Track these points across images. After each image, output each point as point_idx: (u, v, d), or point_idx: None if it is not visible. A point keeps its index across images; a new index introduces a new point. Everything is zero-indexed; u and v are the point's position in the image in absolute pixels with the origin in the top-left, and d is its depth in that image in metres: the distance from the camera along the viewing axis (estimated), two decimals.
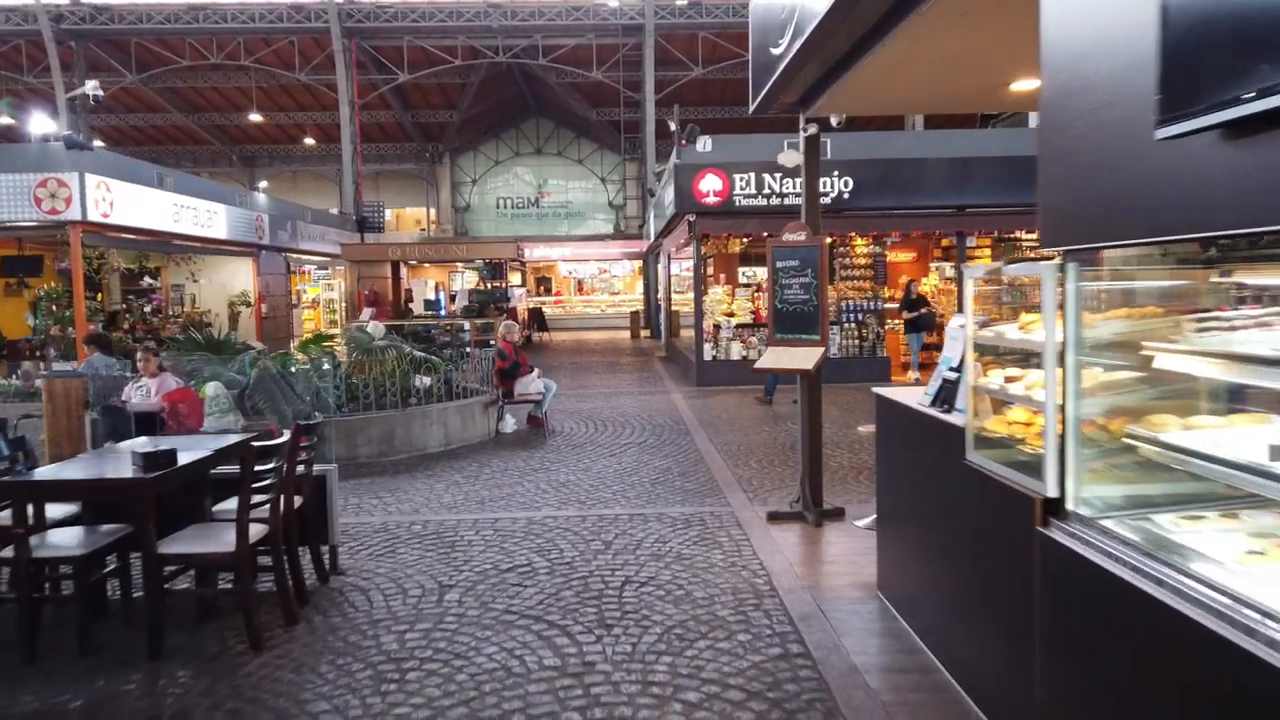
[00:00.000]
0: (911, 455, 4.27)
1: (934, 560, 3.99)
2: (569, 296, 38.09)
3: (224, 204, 19.21)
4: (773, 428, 10.63)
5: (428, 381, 10.04)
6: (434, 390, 9.65)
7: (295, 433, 4.73)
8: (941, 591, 3.90)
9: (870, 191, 14.56)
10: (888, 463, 4.71)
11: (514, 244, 17.81)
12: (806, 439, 6.43)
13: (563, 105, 38.62)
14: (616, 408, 12.62)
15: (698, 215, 14.65)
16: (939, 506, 3.88)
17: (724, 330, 15.20)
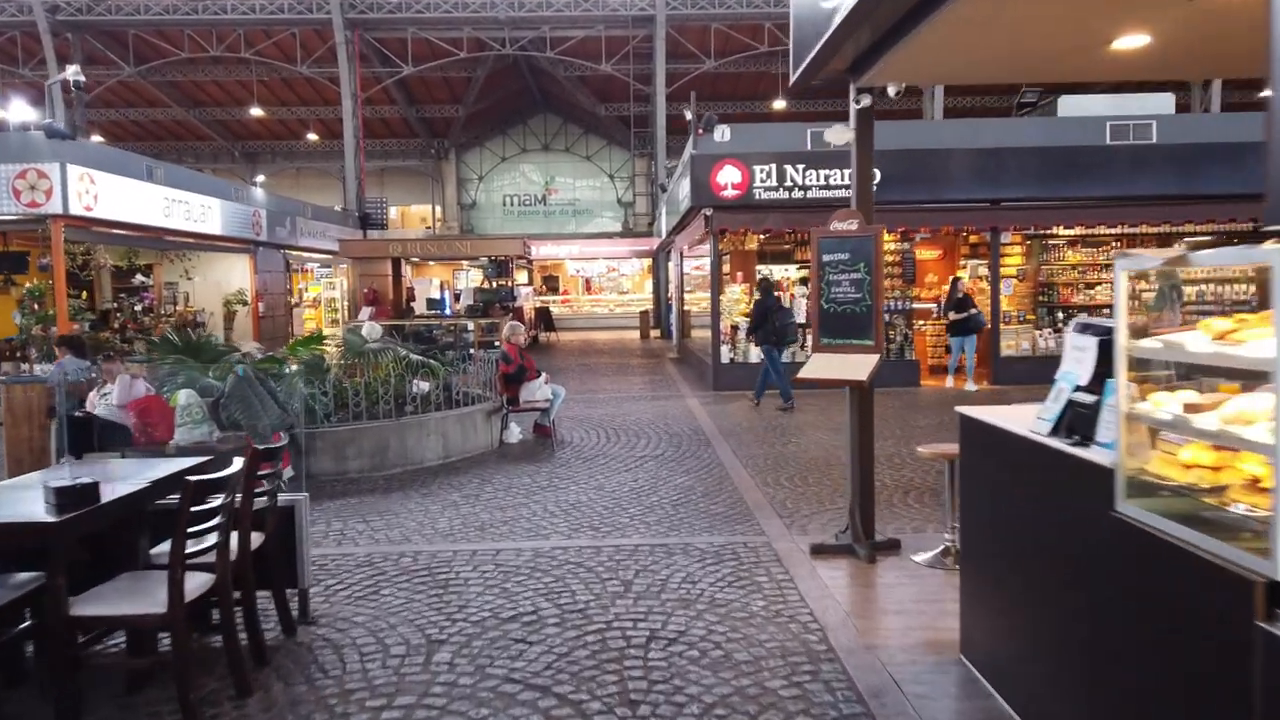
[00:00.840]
0: (1020, 494, 3.41)
1: (1053, 629, 3.13)
2: (576, 296, 37.28)
3: (219, 198, 18.43)
4: (800, 438, 9.77)
5: (425, 387, 9.21)
6: (432, 397, 8.82)
7: (252, 459, 3.90)
8: (1067, 672, 3.03)
9: (898, 184, 13.67)
10: (978, 500, 3.85)
11: (520, 240, 16.96)
12: (856, 461, 5.57)
13: (570, 100, 37.79)
14: (629, 414, 11.77)
15: (715, 209, 13.79)
16: (1065, 564, 3.02)
17: (742, 331, 14.34)
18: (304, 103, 36.38)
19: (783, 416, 11.38)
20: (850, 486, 5.61)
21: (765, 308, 12.35)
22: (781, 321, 12.22)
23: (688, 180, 14.50)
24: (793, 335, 12.48)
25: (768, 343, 12.34)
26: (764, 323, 12.24)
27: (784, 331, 12.25)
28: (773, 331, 12.21)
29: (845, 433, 10.18)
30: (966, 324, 13.13)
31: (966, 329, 13.16)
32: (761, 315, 12.33)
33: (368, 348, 8.80)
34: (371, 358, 8.78)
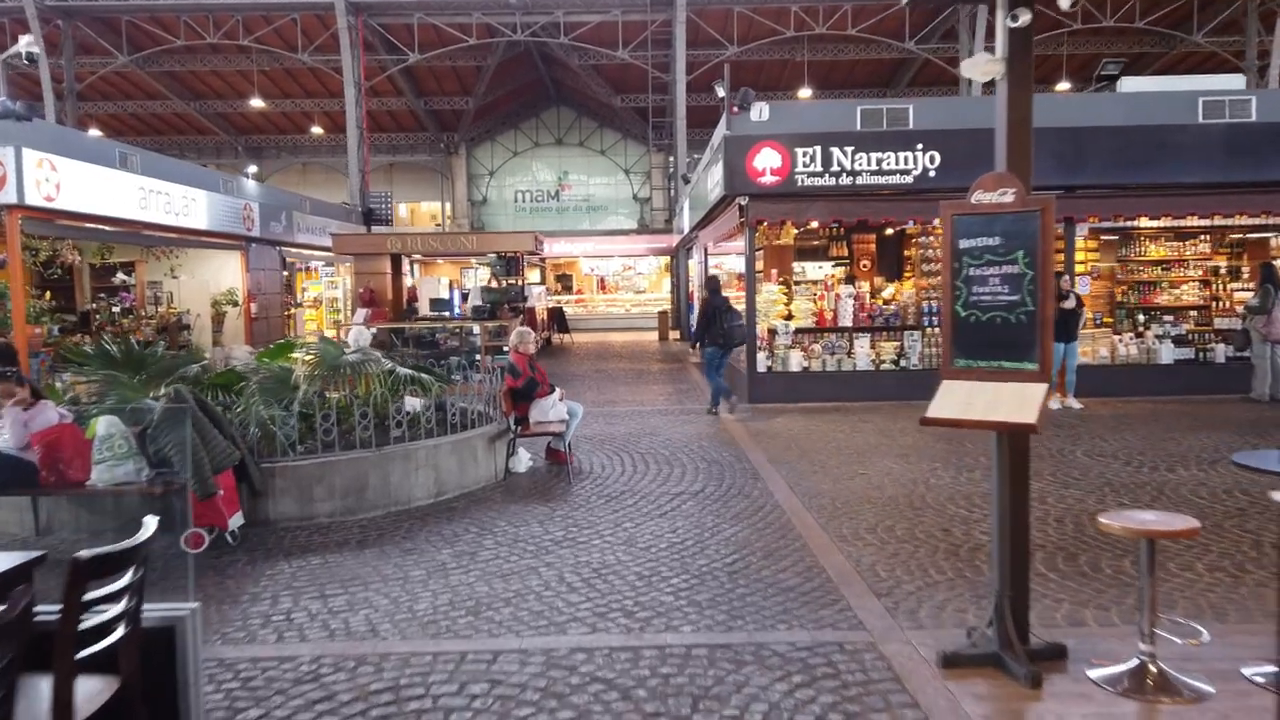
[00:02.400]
0: None
1: None
2: (591, 295, 35.73)
3: (205, 190, 16.92)
4: (867, 467, 8.13)
5: (417, 405, 7.65)
6: (422, 420, 7.23)
7: (76, 574, 2.32)
8: None
9: (960, 168, 12.01)
10: None
11: (531, 235, 15.39)
12: (1007, 539, 3.93)
13: (585, 91, 36.22)
14: (656, 432, 10.18)
15: (751, 198, 12.17)
16: None
17: (780, 336, 12.72)
18: (308, 94, 34.94)
19: (837, 437, 9.75)
20: (995, 570, 3.98)
21: (714, 308, 11.57)
22: (729, 323, 11.48)
23: (719, 167, 12.88)
24: (740, 338, 11.75)
25: (715, 345, 11.58)
26: (711, 325, 11.53)
27: (731, 334, 11.52)
28: (720, 334, 11.48)
29: (919, 460, 8.42)
30: (1066, 324, 11.01)
31: (1067, 332, 11.12)
32: (709, 317, 11.58)
33: (345, 359, 7.22)
34: (348, 371, 7.20)
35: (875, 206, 12.17)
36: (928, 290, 12.83)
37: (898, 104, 12.57)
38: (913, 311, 12.95)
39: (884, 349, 12.69)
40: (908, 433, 9.87)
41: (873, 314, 12.89)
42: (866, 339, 12.69)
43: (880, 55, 30.01)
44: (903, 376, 12.51)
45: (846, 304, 12.80)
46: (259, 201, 19.43)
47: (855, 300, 12.84)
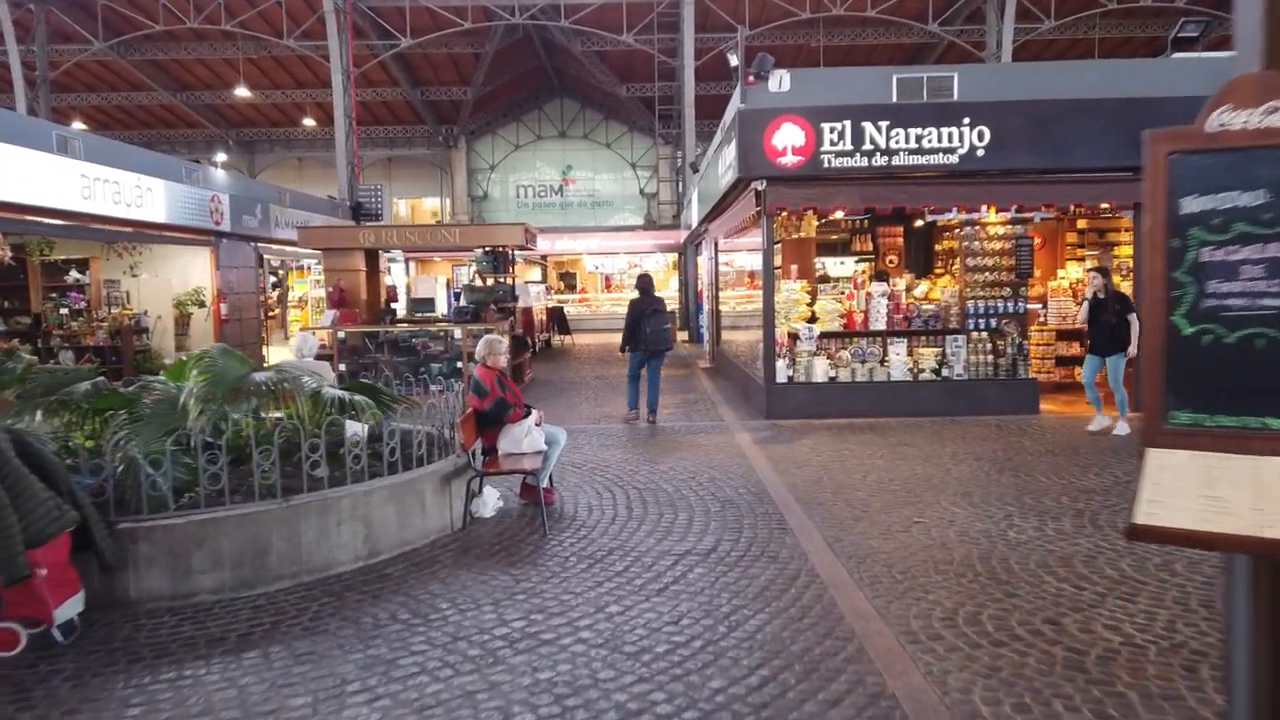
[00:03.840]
0: None
1: None
2: (595, 294, 34.07)
3: (163, 179, 15.32)
4: (917, 509, 6.44)
5: (360, 431, 6.02)
6: (349, 455, 5.58)
7: None
8: None
9: (1013, 147, 10.32)
10: None
11: (521, 227, 13.73)
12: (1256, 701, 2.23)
13: (589, 81, 34.56)
14: (658, 458, 8.51)
15: (769, 181, 10.49)
16: None
17: (803, 341, 11.03)
18: (299, 84, 33.39)
19: (876, 466, 8.05)
20: None
21: (641, 311, 10.69)
22: (655, 328, 10.63)
23: (732, 147, 11.20)
24: (666, 344, 10.83)
25: (639, 351, 10.75)
26: (639, 328, 10.67)
27: (657, 339, 10.67)
28: (643, 339, 10.66)
29: (987, 502, 6.51)
30: (1114, 335, 9.38)
31: (1114, 343, 9.45)
32: (637, 319, 10.67)
33: (253, 379, 5.57)
34: (261, 392, 5.54)
35: (914, 191, 10.46)
36: (973, 288, 11.12)
37: (940, 72, 10.87)
38: (955, 312, 11.24)
39: (923, 356, 11.00)
40: (961, 460, 8.18)
41: (909, 315, 11.19)
42: (903, 344, 10.99)
43: (901, 39, 28.24)
44: (945, 388, 10.82)
45: (880, 304, 11.10)
46: (229, 193, 17.84)
47: (890, 299, 11.13)
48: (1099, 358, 9.53)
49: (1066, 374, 12.87)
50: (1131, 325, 9.29)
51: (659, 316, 10.66)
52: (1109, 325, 9.40)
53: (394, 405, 6.72)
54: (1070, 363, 12.98)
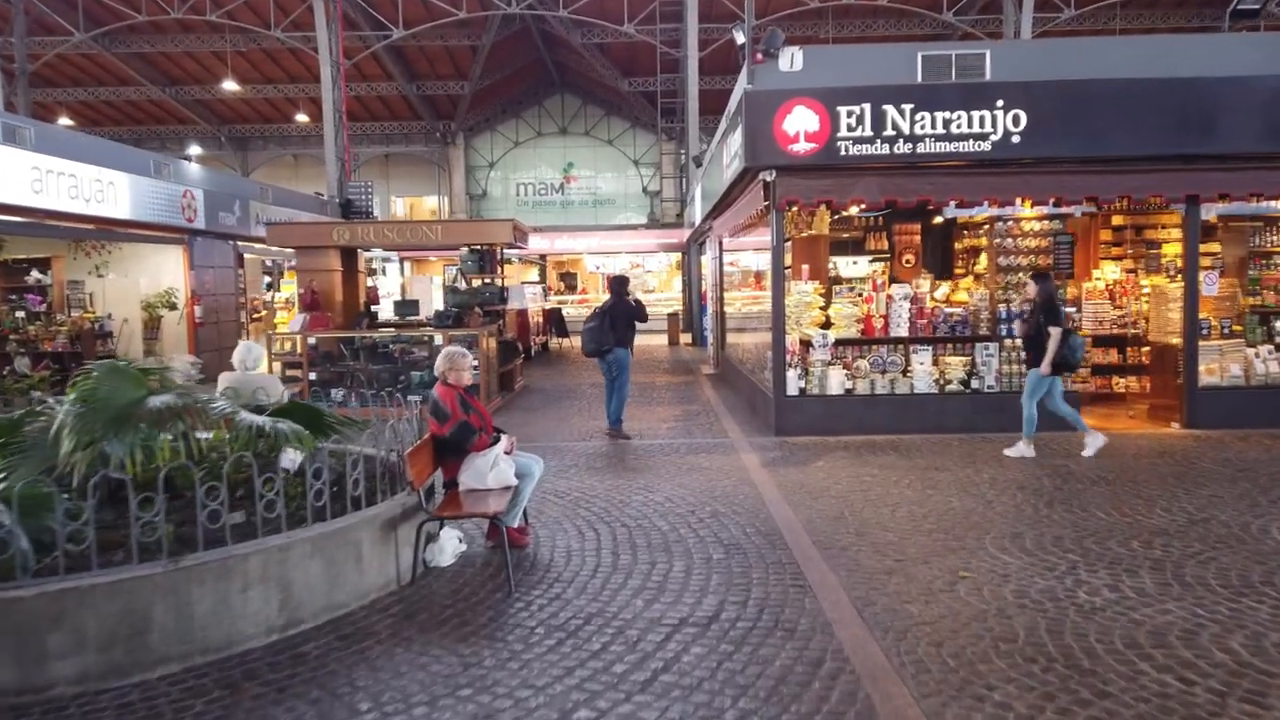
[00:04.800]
0: None
1: None
2: (596, 295, 32.90)
3: (126, 172, 14.30)
4: (960, 555, 5.37)
5: (296, 459, 4.99)
6: (258, 503, 4.51)
7: None
8: None
9: (1052, 133, 9.22)
10: None
11: (509, 224, 12.67)
12: None
13: (590, 75, 33.52)
14: (653, 485, 7.44)
15: (779, 171, 9.41)
16: None
17: (817, 349, 9.94)
18: (291, 79, 32.38)
19: (904, 497, 6.96)
20: None
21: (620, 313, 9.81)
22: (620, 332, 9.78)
23: (738, 134, 10.12)
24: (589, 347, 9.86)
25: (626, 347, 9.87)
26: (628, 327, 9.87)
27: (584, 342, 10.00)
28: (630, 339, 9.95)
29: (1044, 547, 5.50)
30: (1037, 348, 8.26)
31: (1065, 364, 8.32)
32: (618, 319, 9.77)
33: (148, 405, 4.51)
34: (153, 422, 4.48)
35: (940, 183, 9.37)
36: (1005, 290, 10.03)
37: (970, 49, 9.77)
38: (985, 317, 10.15)
39: (950, 365, 9.91)
40: (1002, 488, 7.09)
41: (935, 320, 10.10)
42: (927, 353, 9.90)
43: (914, 30, 27.09)
44: (975, 402, 9.73)
45: (901, 307, 10.02)
46: (203, 188, 16.82)
47: (913, 303, 10.05)
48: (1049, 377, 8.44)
49: (1104, 383, 11.77)
50: (1050, 338, 8.16)
51: (593, 318, 9.78)
52: (1027, 337, 8.50)
53: (341, 430, 5.68)
54: (1107, 371, 11.89)
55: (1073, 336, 8.28)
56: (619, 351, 9.72)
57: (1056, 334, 8.07)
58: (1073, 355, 8.27)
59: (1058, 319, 8.14)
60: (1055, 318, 8.14)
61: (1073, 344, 8.25)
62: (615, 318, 9.70)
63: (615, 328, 9.67)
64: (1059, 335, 8.07)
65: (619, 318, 9.72)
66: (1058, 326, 8.09)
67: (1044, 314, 8.22)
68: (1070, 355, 8.22)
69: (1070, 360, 8.27)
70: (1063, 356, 8.16)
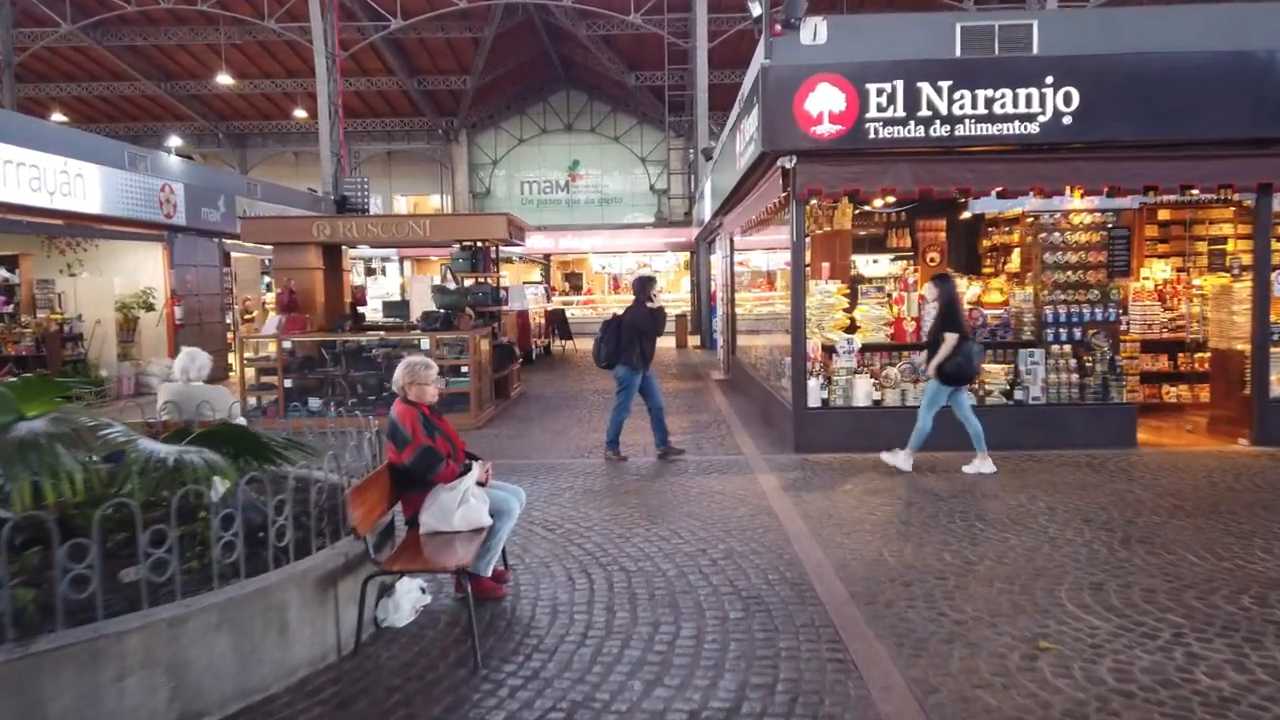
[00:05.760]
0: None
1: None
2: (602, 295, 31.98)
3: (98, 164, 13.38)
4: (1033, 615, 4.36)
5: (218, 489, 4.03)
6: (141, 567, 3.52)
7: None
8: None
9: (1109, 113, 8.19)
10: None
11: (503, 218, 11.70)
12: None
13: (596, 70, 32.56)
14: (658, 515, 6.44)
15: (799, 158, 8.40)
16: None
17: (841, 355, 8.92)
18: (289, 73, 31.51)
19: (947, 528, 5.94)
20: None
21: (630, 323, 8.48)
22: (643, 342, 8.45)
23: (754, 116, 9.12)
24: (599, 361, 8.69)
25: (629, 365, 8.42)
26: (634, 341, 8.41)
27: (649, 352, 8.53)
28: (638, 355, 8.41)
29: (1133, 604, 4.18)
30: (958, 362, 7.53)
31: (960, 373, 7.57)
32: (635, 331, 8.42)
33: (21, 428, 3.53)
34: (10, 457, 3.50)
35: (981, 170, 8.33)
36: (1051, 291, 9.00)
37: (1016, 19, 8.73)
38: (1029, 320, 9.13)
39: (990, 374, 8.87)
40: (1065, 521, 6.06)
41: (973, 324, 9.07)
42: None
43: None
44: (1019, 415, 8.70)
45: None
46: (183, 182, 15.90)
47: None
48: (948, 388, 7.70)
49: (1153, 392, 10.73)
50: (943, 345, 7.46)
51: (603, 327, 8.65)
52: (928, 344, 7.82)
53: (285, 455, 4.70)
54: (1157, 379, 10.86)
55: (969, 344, 7.58)
56: (618, 369, 8.47)
57: (951, 340, 7.43)
58: (968, 364, 7.55)
59: (954, 325, 7.52)
60: (952, 323, 7.53)
61: (967, 352, 7.53)
62: (623, 329, 8.44)
63: (620, 341, 8.43)
64: (953, 341, 7.43)
65: (626, 329, 8.43)
66: (953, 332, 7.46)
67: (943, 319, 7.61)
68: (965, 364, 7.51)
69: (966, 370, 7.56)
70: (957, 365, 7.47)
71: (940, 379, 7.58)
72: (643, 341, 8.37)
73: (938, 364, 7.53)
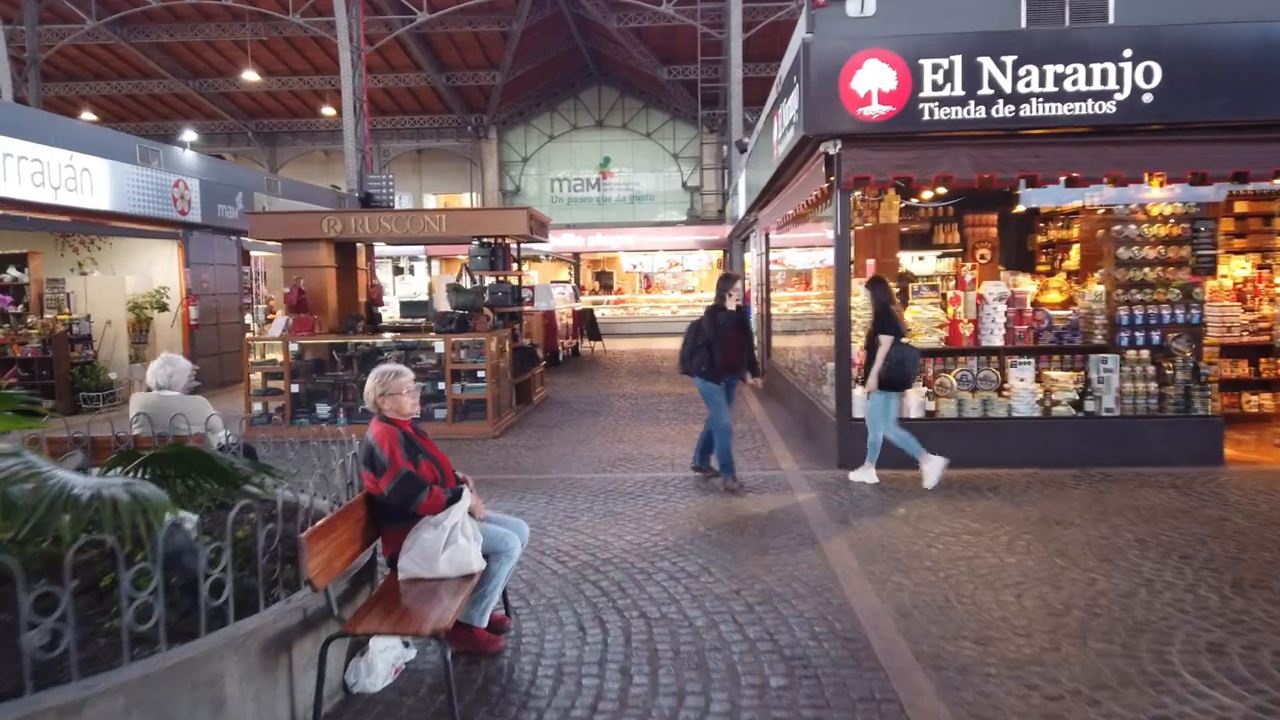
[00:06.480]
0: None
1: None
2: (633, 295, 31.26)
3: (106, 159, 12.87)
4: (1141, 691, 3.52)
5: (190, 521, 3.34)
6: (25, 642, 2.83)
7: None
8: None
9: (1195, 91, 7.27)
10: None
11: (523, 212, 10.99)
12: None
13: (627, 64, 31.83)
14: (685, 546, 5.66)
15: (845, 142, 7.58)
16: None
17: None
18: (317, 70, 31.15)
19: (1033, 574, 5.10)
20: None
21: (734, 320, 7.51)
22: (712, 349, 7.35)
23: (793, 98, 8.30)
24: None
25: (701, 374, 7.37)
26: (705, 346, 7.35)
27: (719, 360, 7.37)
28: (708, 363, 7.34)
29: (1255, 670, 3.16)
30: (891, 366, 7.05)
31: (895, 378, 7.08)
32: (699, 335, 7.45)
33: None
34: None
35: (1051, 155, 7.45)
36: (1127, 290, 8.08)
37: None
38: (1101, 323, 8.22)
39: (1058, 382, 7.99)
40: (1159, 557, 5.19)
41: (1037, 326, 8.19)
42: (1029, 366, 8.00)
43: None
44: (1090, 428, 7.81)
45: (995, 310, 8.12)
46: (199, 178, 15.38)
47: (1010, 305, 8.15)
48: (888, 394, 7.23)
49: (1232, 401, 9.76)
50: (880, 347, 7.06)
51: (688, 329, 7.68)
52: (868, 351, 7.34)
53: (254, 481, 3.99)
54: (1236, 387, 9.88)
55: (903, 348, 7.02)
56: (695, 379, 7.47)
57: (886, 342, 7.03)
58: (901, 370, 7.00)
59: (887, 328, 7.13)
60: (886, 326, 7.14)
61: (900, 357, 6.99)
62: (699, 333, 7.44)
63: (694, 345, 7.44)
64: (888, 344, 7.02)
65: (694, 332, 7.49)
66: (888, 335, 7.07)
67: (878, 322, 7.21)
68: (898, 369, 6.98)
69: (899, 375, 7.02)
70: (891, 370, 6.97)
71: (878, 385, 7.06)
72: (711, 348, 7.31)
73: (877, 370, 7.04)
